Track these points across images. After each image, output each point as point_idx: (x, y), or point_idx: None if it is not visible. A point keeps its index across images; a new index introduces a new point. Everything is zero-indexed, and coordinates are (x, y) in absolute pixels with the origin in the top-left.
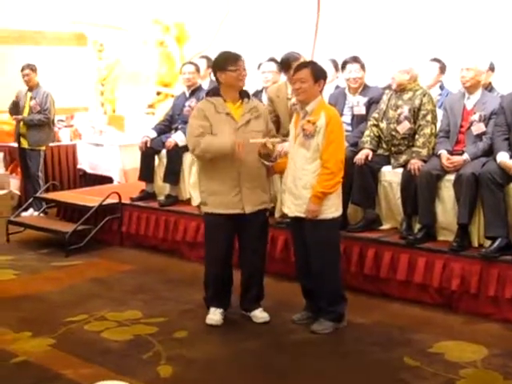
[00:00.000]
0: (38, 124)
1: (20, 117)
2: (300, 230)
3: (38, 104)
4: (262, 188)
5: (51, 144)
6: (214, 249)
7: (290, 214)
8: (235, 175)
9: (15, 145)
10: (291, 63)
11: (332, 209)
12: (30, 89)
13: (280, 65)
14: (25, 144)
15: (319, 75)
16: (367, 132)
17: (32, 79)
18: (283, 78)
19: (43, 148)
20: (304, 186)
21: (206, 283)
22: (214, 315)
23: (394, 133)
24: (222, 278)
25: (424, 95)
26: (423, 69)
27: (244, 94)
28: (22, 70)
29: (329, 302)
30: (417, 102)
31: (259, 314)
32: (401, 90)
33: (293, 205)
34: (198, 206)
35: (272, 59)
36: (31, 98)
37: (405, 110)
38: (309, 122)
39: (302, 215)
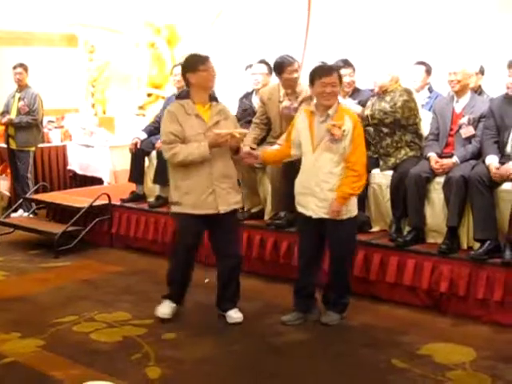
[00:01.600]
0: (26, 125)
1: (6, 119)
2: (319, 229)
3: (27, 105)
4: (235, 188)
5: (41, 145)
6: (181, 243)
7: (314, 216)
8: (208, 175)
9: (4, 145)
10: (285, 67)
11: (354, 207)
12: (20, 89)
13: (273, 68)
14: (13, 145)
15: (340, 79)
16: None
17: (23, 79)
18: (273, 80)
19: (32, 149)
20: (331, 189)
21: (169, 278)
22: (165, 308)
23: (381, 135)
24: (183, 274)
25: (402, 95)
26: (409, 72)
27: (212, 98)
28: (15, 68)
29: (340, 294)
30: (398, 104)
31: (233, 315)
32: (383, 92)
33: (317, 207)
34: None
35: (262, 61)
36: (19, 99)
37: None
38: (334, 126)
39: (326, 216)
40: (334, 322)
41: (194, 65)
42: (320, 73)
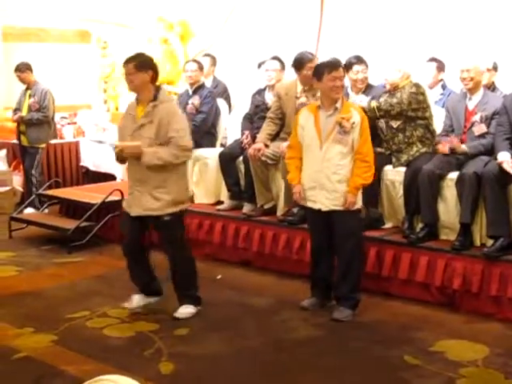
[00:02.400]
0: (37, 122)
1: (17, 116)
2: (328, 222)
3: (37, 102)
4: (153, 194)
5: (54, 141)
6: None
7: (325, 209)
8: (133, 177)
9: (17, 142)
10: (305, 63)
11: (359, 199)
12: (29, 86)
13: (293, 63)
14: (25, 142)
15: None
16: None
17: (27, 78)
18: (286, 76)
19: (43, 146)
20: (340, 181)
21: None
22: (131, 301)
23: (393, 131)
24: (132, 272)
25: (411, 87)
26: (421, 70)
27: (156, 97)
28: (15, 71)
29: (351, 288)
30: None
31: (180, 310)
32: (394, 88)
33: (327, 199)
34: None
35: (275, 57)
36: (30, 96)
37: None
38: (343, 118)
39: (336, 208)
40: (345, 317)
41: (150, 65)
42: (329, 67)
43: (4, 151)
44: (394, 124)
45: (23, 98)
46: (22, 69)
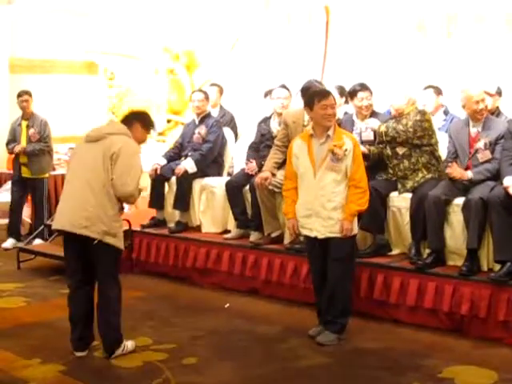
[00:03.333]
0: (39, 153)
1: (19, 148)
2: (324, 249)
3: (37, 132)
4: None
5: (61, 172)
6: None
7: (321, 236)
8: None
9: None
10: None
11: (355, 226)
12: (26, 116)
13: (301, 93)
14: (27, 174)
15: (335, 101)
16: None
17: (30, 106)
18: (293, 104)
19: (46, 176)
20: (335, 208)
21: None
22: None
23: (399, 157)
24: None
25: (416, 114)
26: (420, 98)
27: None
28: (20, 95)
29: (338, 313)
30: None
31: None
32: (399, 114)
33: (322, 227)
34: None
35: (283, 86)
36: (28, 127)
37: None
38: (336, 146)
39: (332, 235)
40: (329, 342)
41: None
42: (319, 96)
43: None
44: (400, 151)
45: (19, 129)
46: (31, 94)
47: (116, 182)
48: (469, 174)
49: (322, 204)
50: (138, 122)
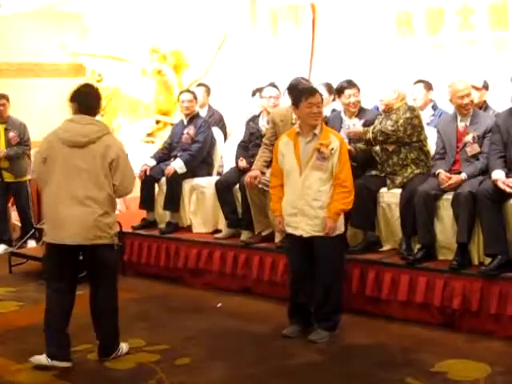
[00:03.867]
0: (20, 156)
1: (2, 153)
2: (308, 248)
3: (17, 135)
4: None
5: None
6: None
7: (306, 235)
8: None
9: None
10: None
11: (342, 225)
12: (2, 120)
13: (288, 91)
14: (9, 178)
15: (322, 100)
16: None
17: (6, 109)
18: (282, 102)
19: (28, 178)
20: (321, 207)
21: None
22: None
23: (388, 153)
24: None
25: (406, 111)
26: (410, 93)
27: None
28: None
29: (330, 311)
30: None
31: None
32: (389, 109)
33: (308, 225)
34: None
35: (273, 84)
36: (6, 130)
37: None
38: (322, 145)
39: (318, 234)
40: (322, 339)
41: None
42: (306, 94)
43: None
44: (389, 147)
45: None
46: (6, 97)
47: (119, 187)
48: (463, 176)
49: (308, 203)
50: (97, 107)
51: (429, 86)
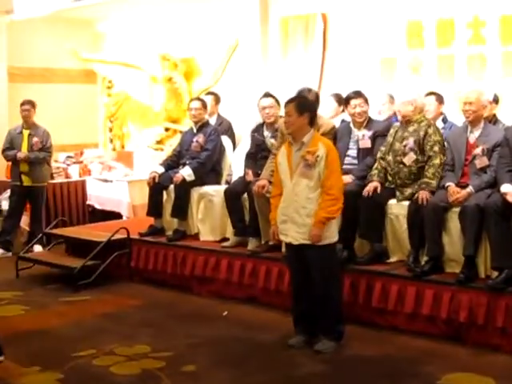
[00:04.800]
0: (41, 162)
1: (23, 155)
2: (301, 256)
3: (40, 142)
4: None
5: (60, 180)
6: None
7: (295, 243)
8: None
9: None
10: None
11: (334, 234)
12: (27, 126)
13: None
14: (28, 182)
15: (303, 109)
16: (376, 165)
17: (31, 115)
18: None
19: (45, 184)
20: (308, 214)
21: None
22: None
23: (400, 165)
24: None
25: (429, 126)
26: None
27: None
28: (23, 104)
29: (333, 322)
30: (421, 134)
31: None
32: (406, 121)
33: (297, 233)
34: None
35: (268, 94)
36: (30, 135)
37: (410, 142)
38: (308, 152)
39: (306, 242)
40: (328, 349)
41: None
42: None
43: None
44: (407, 161)
45: (19, 137)
46: (34, 104)
47: None
48: (469, 189)
49: (297, 210)
50: None
51: (440, 99)
